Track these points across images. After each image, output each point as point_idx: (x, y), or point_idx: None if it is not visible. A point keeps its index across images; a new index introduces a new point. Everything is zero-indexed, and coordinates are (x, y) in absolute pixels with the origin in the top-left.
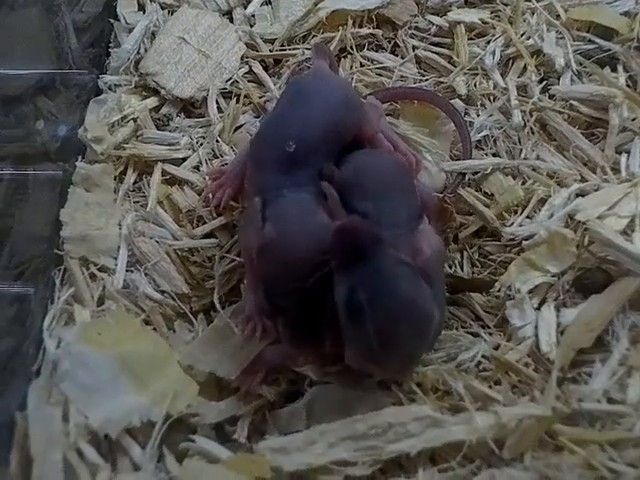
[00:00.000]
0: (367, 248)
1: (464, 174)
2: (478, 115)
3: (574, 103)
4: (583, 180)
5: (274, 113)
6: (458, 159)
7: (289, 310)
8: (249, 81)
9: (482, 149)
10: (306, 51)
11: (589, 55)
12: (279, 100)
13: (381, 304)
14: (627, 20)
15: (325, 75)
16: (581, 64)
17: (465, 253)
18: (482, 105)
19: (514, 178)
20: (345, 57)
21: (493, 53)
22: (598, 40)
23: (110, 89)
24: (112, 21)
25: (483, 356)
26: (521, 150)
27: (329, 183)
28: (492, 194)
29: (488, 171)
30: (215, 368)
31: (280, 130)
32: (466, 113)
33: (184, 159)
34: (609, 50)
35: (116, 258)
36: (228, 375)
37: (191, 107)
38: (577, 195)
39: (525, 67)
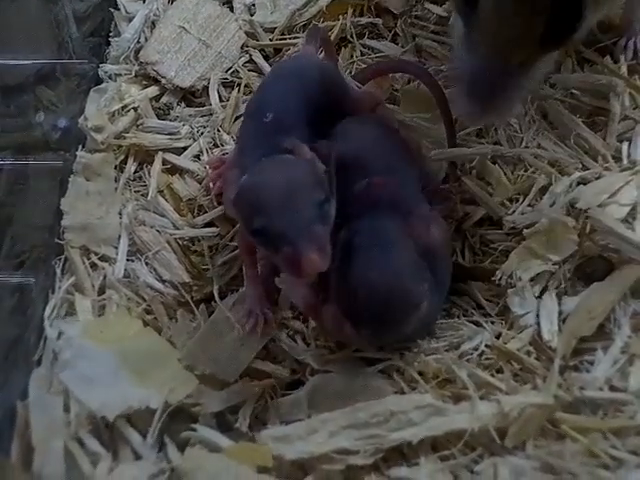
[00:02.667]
0: (389, 204)
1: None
2: None
3: (575, 92)
4: (584, 168)
5: (255, 93)
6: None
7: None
8: (249, 70)
9: (483, 137)
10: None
11: (590, 43)
12: (262, 82)
13: (372, 258)
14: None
15: (305, 56)
16: (581, 53)
17: (466, 242)
18: None
19: (515, 166)
20: (345, 46)
21: None
22: (596, 31)
23: (110, 78)
24: (112, 10)
25: (485, 345)
26: (522, 138)
27: (326, 161)
28: (490, 183)
29: (475, 162)
30: (215, 370)
31: (257, 104)
32: None
33: (185, 148)
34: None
35: (117, 247)
36: (227, 378)
37: (191, 96)
38: (578, 183)
39: None
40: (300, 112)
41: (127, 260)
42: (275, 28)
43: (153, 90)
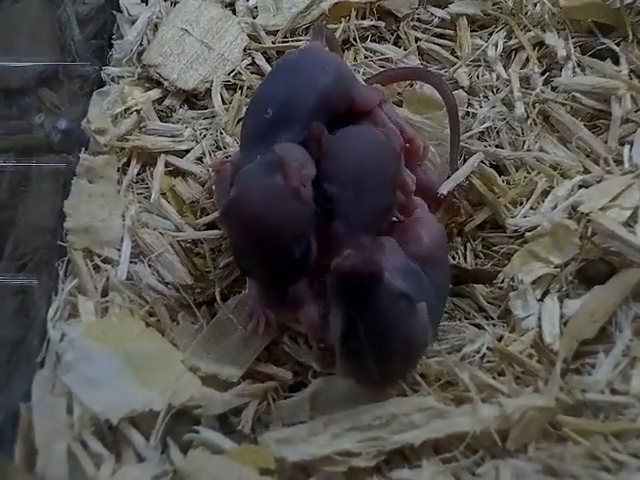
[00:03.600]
0: (366, 289)
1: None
2: (481, 106)
3: (577, 95)
4: (586, 172)
5: (259, 88)
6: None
7: (258, 275)
8: (252, 73)
9: (485, 140)
10: (309, 43)
11: (591, 46)
12: (267, 76)
13: (380, 342)
14: (620, 14)
15: (313, 49)
16: (584, 54)
17: (469, 244)
18: (485, 97)
19: (517, 170)
20: (348, 49)
21: (495, 45)
22: (597, 34)
23: (113, 81)
24: (115, 13)
25: (487, 348)
26: (524, 142)
27: (316, 142)
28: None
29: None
30: (218, 370)
31: (260, 98)
32: (469, 104)
33: (187, 151)
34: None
35: (120, 249)
36: (230, 378)
37: (194, 99)
38: (580, 187)
39: (527, 59)
40: (305, 110)
41: (130, 262)
42: (277, 31)
43: (156, 92)
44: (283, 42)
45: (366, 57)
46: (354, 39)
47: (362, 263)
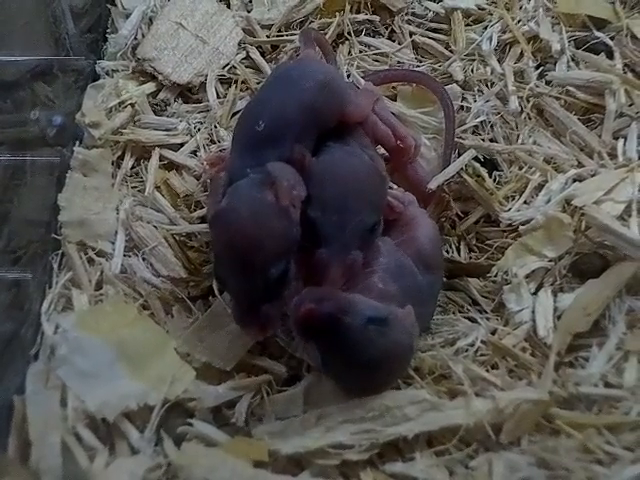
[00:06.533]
0: (325, 329)
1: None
2: (475, 101)
3: (571, 89)
4: (580, 165)
5: (254, 96)
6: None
7: (233, 287)
8: (246, 67)
9: (479, 134)
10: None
11: (585, 41)
12: (261, 85)
13: (357, 366)
14: (614, 8)
15: (307, 61)
16: (578, 48)
17: (463, 238)
18: (479, 91)
19: (510, 164)
20: (343, 43)
21: (490, 39)
22: (592, 28)
23: (107, 74)
24: (109, 6)
25: (481, 341)
26: (518, 136)
27: (299, 166)
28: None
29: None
30: (211, 358)
31: (252, 111)
32: (463, 98)
33: (182, 144)
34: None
35: (114, 243)
36: (224, 367)
37: (188, 93)
38: (574, 180)
39: (522, 53)
40: (296, 124)
41: (124, 255)
42: (272, 25)
43: (150, 86)
44: (278, 36)
45: (360, 51)
46: (348, 33)
47: (317, 306)
